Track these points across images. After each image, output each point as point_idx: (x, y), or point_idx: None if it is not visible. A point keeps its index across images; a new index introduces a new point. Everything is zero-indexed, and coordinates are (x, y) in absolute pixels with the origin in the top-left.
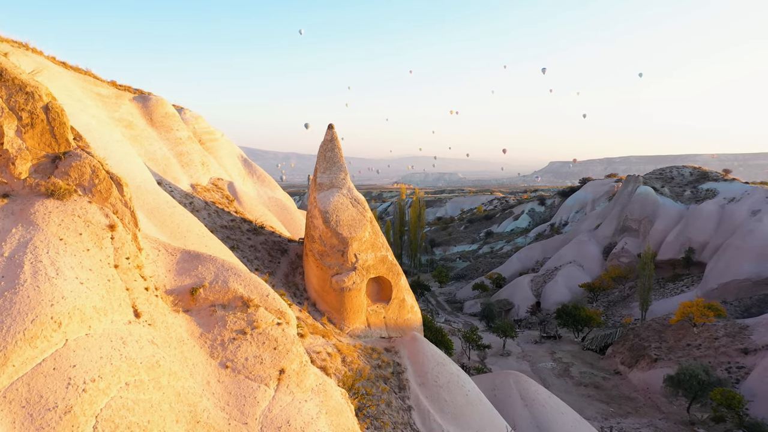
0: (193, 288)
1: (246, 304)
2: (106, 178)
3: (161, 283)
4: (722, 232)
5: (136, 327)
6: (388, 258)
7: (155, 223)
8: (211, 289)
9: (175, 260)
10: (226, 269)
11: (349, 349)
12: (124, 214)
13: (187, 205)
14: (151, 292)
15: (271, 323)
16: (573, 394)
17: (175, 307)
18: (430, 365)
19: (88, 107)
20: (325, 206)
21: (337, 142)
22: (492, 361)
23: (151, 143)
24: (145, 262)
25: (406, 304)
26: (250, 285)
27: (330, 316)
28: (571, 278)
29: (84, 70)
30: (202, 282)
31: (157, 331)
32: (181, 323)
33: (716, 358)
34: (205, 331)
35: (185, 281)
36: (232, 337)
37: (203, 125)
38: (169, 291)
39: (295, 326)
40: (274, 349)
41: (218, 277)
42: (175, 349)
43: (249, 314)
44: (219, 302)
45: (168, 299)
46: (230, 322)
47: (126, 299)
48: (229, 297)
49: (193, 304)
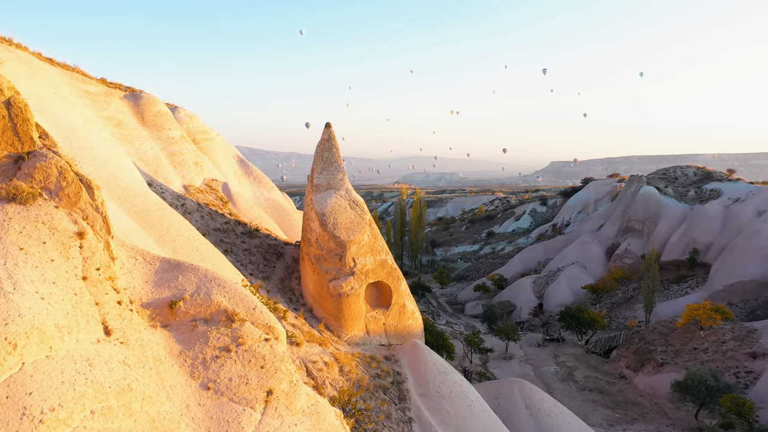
0: (172, 301)
1: (230, 318)
2: (75, 180)
3: (137, 296)
4: (727, 232)
5: (105, 346)
6: (387, 262)
7: (143, 226)
8: (192, 302)
9: (154, 270)
10: (209, 280)
11: (347, 357)
12: (95, 220)
13: (179, 207)
14: (124, 306)
15: (258, 339)
16: (577, 399)
17: (152, 322)
18: (431, 374)
19: (75, 105)
20: (322, 208)
21: (334, 141)
22: (494, 365)
23: (141, 143)
24: (120, 272)
25: (406, 309)
26: (235, 297)
27: (327, 323)
28: (574, 279)
29: (72, 66)
30: (182, 294)
31: (131, 350)
32: (158, 340)
33: (724, 363)
34: (184, 349)
35: (164, 293)
36: (214, 355)
37: (198, 124)
38: (145, 304)
39: (285, 342)
40: (261, 368)
41: (200, 289)
42: (151, 369)
43: (234, 329)
44: (201, 316)
45: (144, 313)
46: (213, 339)
47: (95, 315)
48: (211, 310)
49: (173, 319)
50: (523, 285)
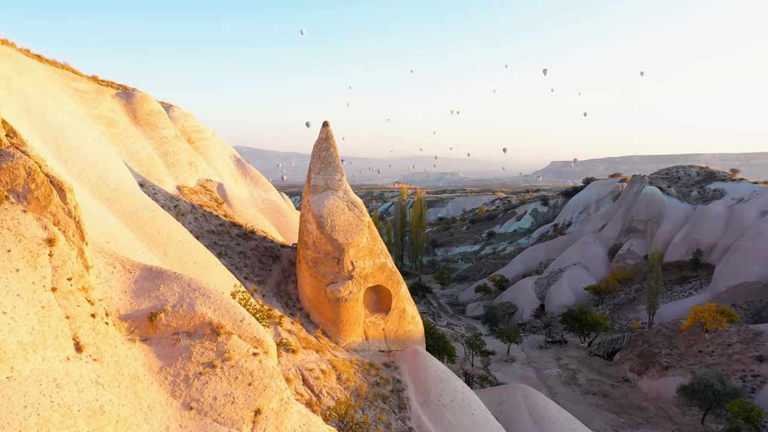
0: (152, 312)
1: (216, 331)
2: (45, 182)
3: (114, 308)
4: (731, 233)
5: (76, 364)
6: (387, 265)
7: (133, 228)
8: (175, 314)
9: (133, 279)
10: (193, 289)
11: (344, 365)
12: (68, 225)
13: (172, 208)
14: (99, 319)
15: (246, 354)
16: (581, 403)
17: (131, 335)
18: (432, 382)
19: (64, 103)
20: (320, 210)
21: (332, 140)
22: (496, 368)
23: (134, 142)
24: (95, 282)
25: (406, 314)
26: (221, 308)
27: (325, 328)
28: (576, 280)
29: (62, 64)
30: (163, 305)
31: (105, 367)
32: (136, 356)
33: (730, 366)
34: (165, 365)
35: (144, 304)
36: (198, 372)
37: (193, 123)
38: (123, 316)
39: (276, 356)
40: (248, 385)
41: (183, 299)
42: (127, 389)
43: (219, 343)
44: (183, 329)
45: (122, 326)
46: (196, 354)
47: (65, 330)
48: (195, 323)
49: (153, 332)
50: (524, 286)
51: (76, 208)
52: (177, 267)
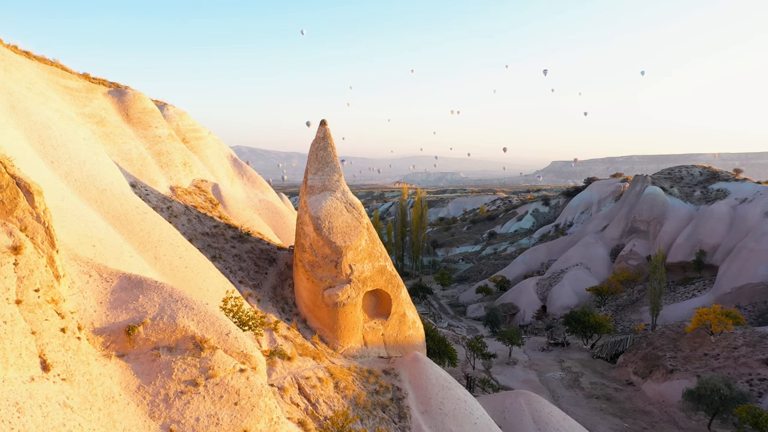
0: (130, 326)
1: (199, 345)
2: (11, 184)
3: (89, 321)
4: (735, 233)
5: (42, 385)
6: (387, 269)
7: (122, 231)
8: (154, 327)
9: (110, 288)
10: (175, 300)
11: (342, 372)
12: (36, 231)
13: (165, 210)
14: (70, 334)
15: (232, 370)
16: (584, 407)
17: (106, 351)
18: (433, 390)
19: (51, 101)
20: (317, 211)
21: (330, 140)
22: (498, 370)
23: (125, 141)
24: (67, 293)
25: (407, 319)
26: (205, 320)
27: (322, 334)
28: (578, 281)
29: (51, 60)
30: (142, 317)
31: (75, 387)
32: (112, 373)
33: (736, 369)
34: (144, 383)
35: (121, 316)
36: (179, 391)
37: (188, 122)
38: (98, 330)
39: (265, 372)
40: (234, 405)
41: (164, 311)
42: (100, 410)
43: (203, 359)
44: (164, 344)
45: (97, 341)
46: (178, 370)
47: (30, 347)
48: (177, 337)
49: (130, 347)
50: (526, 287)
51: (46, 212)
52: (168, 271)
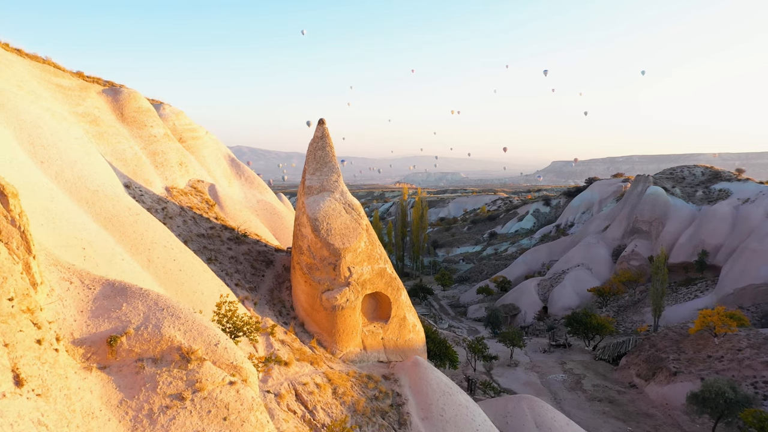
0: (112, 336)
1: (186, 357)
2: None
3: (68, 331)
4: (737, 234)
5: (14, 402)
6: (386, 271)
7: (113, 233)
8: (138, 337)
9: (92, 296)
10: (161, 308)
11: (341, 378)
12: (11, 236)
13: (159, 210)
14: (47, 345)
15: (221, 383)
16: (587, 410)
17: (87, 363)
18: (434, 395)
19: (43, 99)
20: (315, 213)
21: (328, 139)
22: (499, 372)
23: (119, 141)
24: (45, 301)
25: (407, 322)
26: (192, 330)
27: (320, 338)
28: (580, 282)
29: (43, 58)
30: (125, 327)
31: (51, 403)
32: (92, 387)
33: (740, 372)
34: (126, 397)
35: (103, 326)
36: (164, 405)
37: (184, 121)
38: (79, 341)
39: (256, 384)
40: (223, 420)
41: (148, 320)
42: (79, 428)
43: (190, 371)
44: (148, 355)
45: (77, 353)
46: (163, 383)
47: (2, 360)
48: (162, 348)
49: (113, 359)
50: (527, 288)
51: (21, 215)
52: (161, 274)
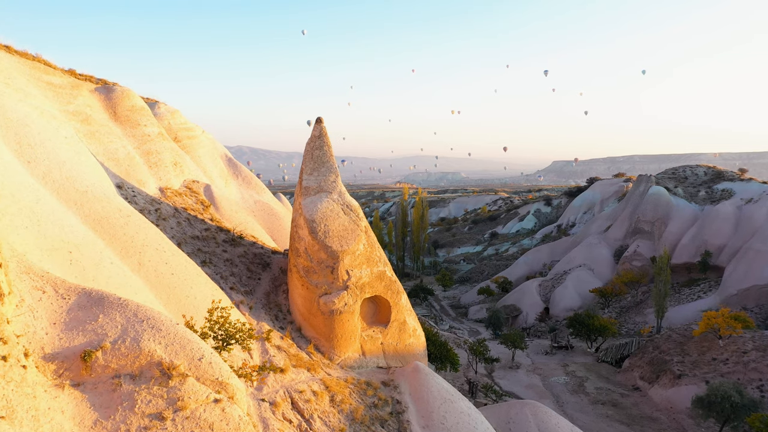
0: (86, 351)
1: (166, 373)
2: None
3: (39, 345)
4: (741, 234)
5: None
6: (386, 274)
7: (103, 236)
8: (115, 352)
9: (67, 306)
10: (140, 320)
11: (339, 385)
12: None
13: (152, 212)
14: (13, 361)
15: (205, 401)
16: (590, 413)
17: (59, 380)
18: (435, 403)
19: (32, 97)
20: (312, 214)
21: (326, 138)
22: (500, 375)
23: (112, 140)
24: (14, 312)
25: (407, 326)
26: (174, 343)
27: (317, 343)
28: (582, 283)
29: (33, 55)
30: (101, 340)
31: (17, 426)
32: (64, 406)
33: (746, 375)
34: (101, 417)
35: (76, 340)
36: (143, 426)
37: (180, 120)
38: (50, 356)
39: (244, 401)
40: None
41: (126, 333)
42: None
43: (171, 389)
44: (126, 371)
45: (48, 369)
46: (142, 402)
47: None
48: (141, 363)
49: (87, 375)
50: (528, 288)
51: None
52: (152, 278)
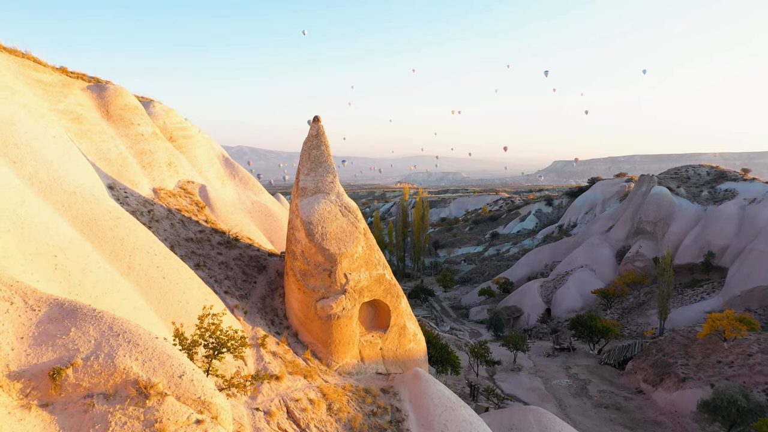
0: (56, 368)
1: (143, 392)
2: None
3: (4, 362)
4: (744, 234)
5: None
6: (385, 277)
7: (91, 239)
8: (88, 369)
9: (36, 319)
10: (116, 334)
11: (336, 392)
12: None
13: (145, 213)
14: None
15: (186, 422)
16: (593, 417)
17: (26, 400)
18: (436, 411)
19: (20, 95)
20: (309, 216)
21: (323, 137)
22: (502, 377)
23: (104, 140)
24: None
25: (407, 331)
26: (152, 359)
27: (314, 349)
28: (583, 283)
29: (22, 52)
30: (72, 357)
31: None
32: (30, 429)
33: (751, 378)
34: None
35: (45, 356)
36: None
37: (175, 119)
38: (16, 374)
39: (230, 422)
40: None
41: (100, 348)
42: None
43: (148, 409)
44: (99, 390)
45: (13, 388)
46: (116, 424)
47: None
48: (116, 381)
49: (56, 395)
50: (530, 289)
51: None
52: (143, 282)
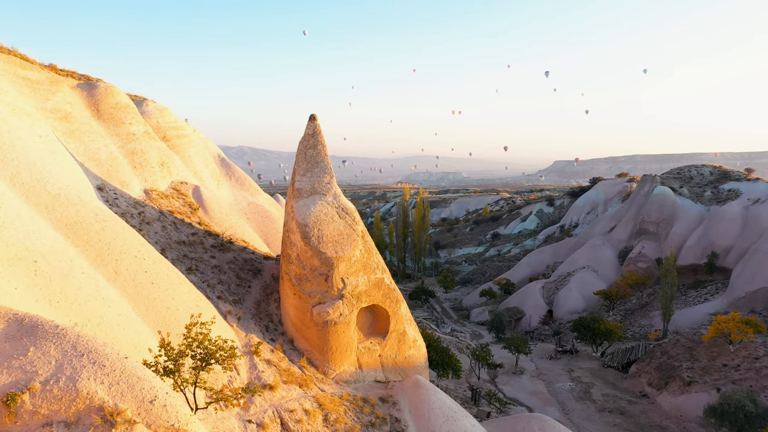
0: (10, 393)
1: (109, 419)
2: None
3: None
4: (748, 235)
5: None
6: (384, 281)
7: (76, 243)
8: (47, 394)
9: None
10: (79, 354)
11: (333, 402)
12: None
13: (136, 215)
14: None
15: None
16: (597, 422)
17: None
18: (437, 421)
19: (4, 93)
20: (305, 218)
21: (320, 137)
22: (504, 380)
23: (93, 139)
24: None
25: (406, 337)
26: (120, 382)
27: (311, 356)
28: (586, 284)
29: (8, 49)
30: (30, 380)
31: None
32: None
33: (758, 382)
34: None
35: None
36: None
37: (169, 119)
38: None
39: None
40: None
41: (62, 370)
42: None
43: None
44: (60, 417)
45: None
46: None
47: None
48: (78, 407)
49: (11, 423)
50: (531, 290)
51: None
52: (130, 288)
